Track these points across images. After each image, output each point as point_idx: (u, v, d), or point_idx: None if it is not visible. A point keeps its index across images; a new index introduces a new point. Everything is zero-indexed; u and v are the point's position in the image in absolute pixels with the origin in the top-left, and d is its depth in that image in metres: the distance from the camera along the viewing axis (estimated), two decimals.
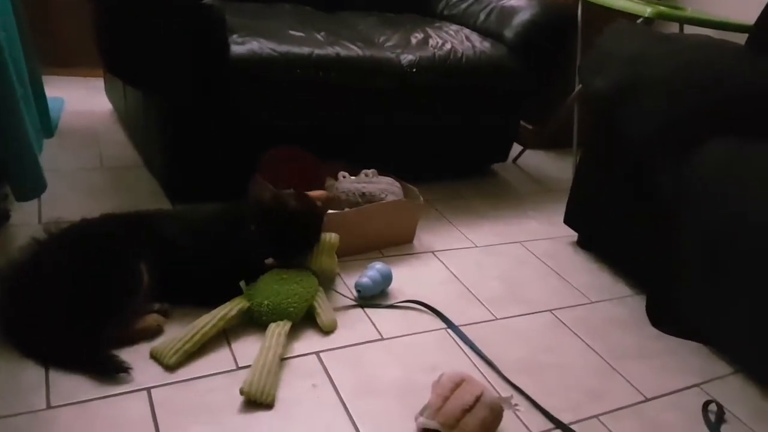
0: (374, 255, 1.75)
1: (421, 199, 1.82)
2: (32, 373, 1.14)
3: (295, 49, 1.75)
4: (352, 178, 1.85)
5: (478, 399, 1.07)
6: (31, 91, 1.56)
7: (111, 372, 1.16)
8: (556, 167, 2.70)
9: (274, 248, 1.47)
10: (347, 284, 1.58)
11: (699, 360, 1.53)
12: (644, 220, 1.70)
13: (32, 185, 1.29)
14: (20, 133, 1.21)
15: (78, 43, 2.64)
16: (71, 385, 1.13)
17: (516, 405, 1.15)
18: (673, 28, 2.45)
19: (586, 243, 1.99)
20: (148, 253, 1.31)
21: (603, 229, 1.90)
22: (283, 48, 1.73)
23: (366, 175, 1.87)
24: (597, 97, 1.82)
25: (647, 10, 2.09)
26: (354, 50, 1.87)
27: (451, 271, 1.74)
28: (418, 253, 1.81)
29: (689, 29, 2.31)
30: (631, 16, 2.15)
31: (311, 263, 1.49)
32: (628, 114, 1.69)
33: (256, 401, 1.15)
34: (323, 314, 1.40)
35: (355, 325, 1.44)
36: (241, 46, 1.67)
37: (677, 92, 1.61)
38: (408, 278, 1.65)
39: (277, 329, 1.31)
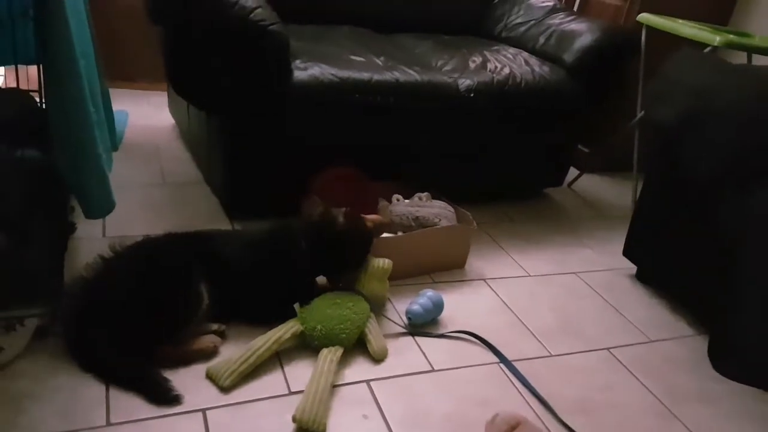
0: (424, 280, 1.74)
1: (475, 224, 1.80)
2: (94, 390, 1.18)
3: (355, 75, 1.77)
4: (406, 201, 1.85)
5: None
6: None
7: (162, 400, 1.18)
8: (613, 193, 2.63)
9: (322, 265, 1.49)
10: (397, 310, 1.58)
11: (764, 407, 1.45)
12: (708, 256, 1.64)
13: (101, 205, 1.34)
14: (93, 155, 1.26)
15: (142, 58, 2.75)
16: (131, 403, 1.16)
17: None
18: (741, 56, 2.36)
19: (645, 277, 1.93)
20: (208, 273, 1.34)
21: (664, 263, 1.83)
22: (344, 74, 1.76)
23: (420, 199, 1.86)
24: (661, 127, 1.77)
25: (716, 39, 2.02)
26: (412, 75, 1.88)
27: (503, 301, 1.71)
28: (469, 279, 1.79)
29: (758, 59, 2.22)
30: (698, 44, 2.08)
31: (362, 287, 1.49)
32: (694, 145, 1.64)
33: (308, 429, 1.15)
34: (374, 342, 1.40)
35: (405, 353, 1.43)
36: (304, 72, 1.70)
37: (745, 125, 1.55)
38: (458, 306, 1.63)
39: (330, 355, 1.32)
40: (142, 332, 1.22)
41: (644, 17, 2.30)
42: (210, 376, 1.25)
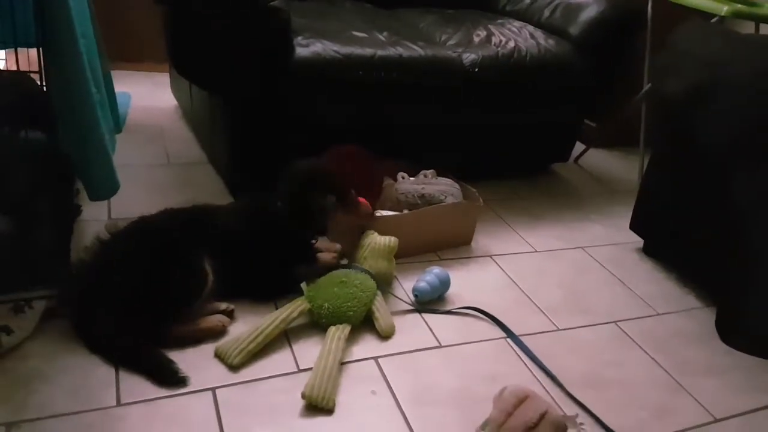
0: (431, 257, 1.73)
1: (481, 201, 1.79)
2: (104, 370, 1.19)
3: (358, 51, 1.75)
4: (411, 179, 1.84)
5: (542, 417, 1.05)
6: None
7: (167, 381, 1.18)
8: (620, 167, 2.61)
9: (301, 221, 1.48)
10: (404, 287, 1.58)
11: None
12: (716, 228, 1.63)
13: (106, 186, 1.34)
14: (96, 136, 1.25)
15: (144, 39, 2.72)
16: (141, 383, 1.17)
17: (582, 424, 1.12)
18: (749, 26, 2.32)
19: (652, 250, 1.92)
20: (209, 249, 1.34)
21: (671, 237, 1.82)
22: (347, 50, 1.73)
23: (425, 176, 1.85)
24: (670, 100, 1.74)
25: (723, 9, 1.98)
26: (416, 50, 1.85)
27: (510, 277, 1.70)
28: (475, 256, 1.78)
29: (766, 28, 2.18)
30: (705, 14, 2.04)
31: (369, 266, 1.49)
32: (703, 118, 1.62)
33: (317, 406, 1.16)
34: (382, 319, 1.40)
35: (412, 330, 1.44)
36: (306, 48, 1.68)
37: (757, 98, 1.53)
38: (465, 283, 1.63)
39: (337, 333, 1.32)
40: (148, 311, 1.22)
41: None
42: (219, 355, 1.26)
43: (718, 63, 1.61)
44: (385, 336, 1.39)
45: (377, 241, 1.52)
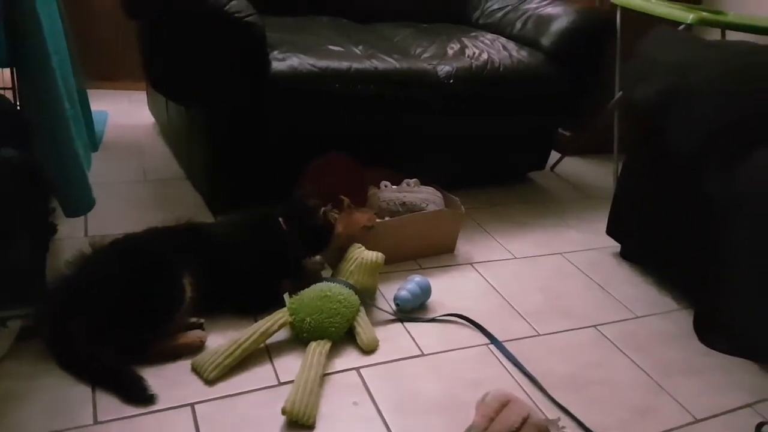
0: (412, 266, 1.74)
1: (463, 209, 1.81)
2: (80, 389, 1.17)
3: (334, 64, 1.77)
4: (394, 187, 1.85)
5: (525, 421, 1.05)
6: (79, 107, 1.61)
7: (136, 399, 1.15)
8: (595, 174, 2.65)
9: (301, 242, 1.50)
10: (385, 296, 1.58)
11: (750, 378, 1.47)
12: (691, 231, 1.65)
13: (81, 202, 1.33)
14: (70, 152, 1.24)
15: (121, 57, 2.72)
16: (118, 401, 1.15)
17: (564, 428, 1.13)
18: (714, 33, 2.38)
19: (629, 254, 1.95)
20: (192, 265, 1.33)
21: (647, 240, 1.85)
22: (323, 63, 1.75)
23: (408, 185, 1.87)
24: (641, 105, 1.78)
25: (689, 17, 2.03)
26: (391, 63, 1.88)
27: (491, 284, 1.71)
28: (456, 264, 1.79)
29: (731, 35, 2.24)
30: (672, 23, 2.09)
31: (354, 281, 1.48)
32: (675, 122, 1.65)
33: (297, 421, 1.15)
34: (363, 334, 1.39)
35: (394, 339, 1.43)
36: (282, 63, 1.69)
37: (724, 99, 1.57)
38: (447, 290, 1.64)
39: (318, 348, 1.31)
40: (123, 327, 1.21)
41: None
42: (195, 369, 1.24)
43: (686, 68, 1.65)
44: (367, 351, 1.38)
45: (364, 256, 1.50)
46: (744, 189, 1.50)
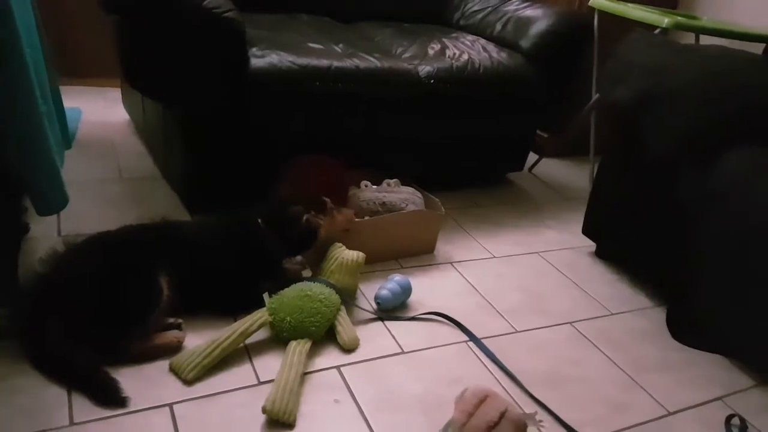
0: (393, 265, 1.74)
1: (443, 209, 1.82)
2: (56, 390, 1.15)
3: (314, 62, 1.76)
4: (374, 187, 1.85)
5: (502, 415, 1.06)
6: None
7: (108, 401, 1.13)
8: (573, 176, 2.69)
9: (282, 243, 1.50)
10: (366, 296, 1.58)
11: (721, 372, 1.51)
12: (664, 231, 1.69)
13: (54, 200, 1.29)
14: (43, 149, 1.21)
15: (94, 54, 2.67)
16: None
17: (541, 422, 1.14)
18: (689, 37, 2.43)
19: (604, 253, 1.98)
20: (168, 264, 1.31)
21: (622, 240, 1.88)
22: (303, 61, 1.74)
23: (388, 185, 1.87)
24: (617, 108, 1.81)
25: (664, 21, 2.08)
26: (372, 62, 1.88)
27: (470, 283, 1.73)
28: (436, 263, 1.80)
29: (705, 39, 2.29)
30: (648, 26, 2.13)
31: (335, 280, 1.48)
32: (650, 124, 1.69)
33: (278, 420, 1.14)
34: (344, 333, 1.39)
35: (375, 338, 1.44)
36: (261, 59, 1.68)
37: (699, 102, 1.60)
38: (427, 290, 1.64)
39: (298, 347, 1.30)
40: (99, 327, 1.19)
41: (596, 2, 2.34)
42: (173, 370, 1.23)
43: (662, 71, 1.69)
44: (348, 350, 1.38)
45: (345, 256, 1.50)
46: (715, 190, 1.53)
